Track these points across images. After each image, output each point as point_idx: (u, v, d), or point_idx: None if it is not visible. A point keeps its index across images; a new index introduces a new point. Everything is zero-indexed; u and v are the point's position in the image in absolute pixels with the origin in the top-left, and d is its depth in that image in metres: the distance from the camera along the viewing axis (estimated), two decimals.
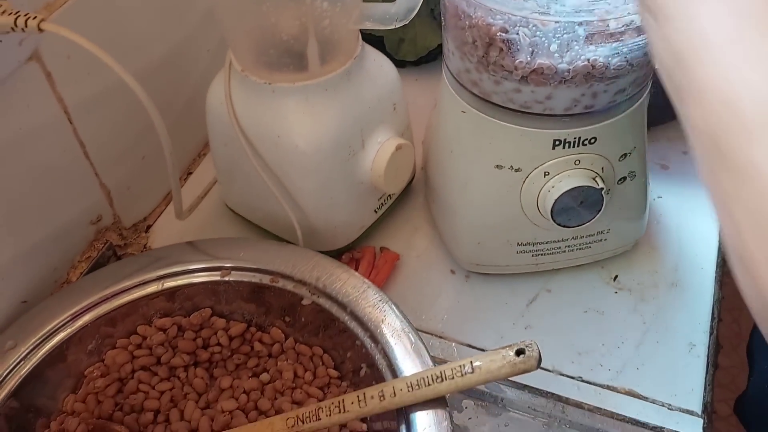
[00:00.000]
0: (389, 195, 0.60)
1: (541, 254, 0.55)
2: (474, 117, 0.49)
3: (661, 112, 0.68)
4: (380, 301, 0.49)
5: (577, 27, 0.41)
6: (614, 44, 0.42)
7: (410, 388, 0.43)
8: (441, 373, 0.43)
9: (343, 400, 0.44)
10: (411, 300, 0.57)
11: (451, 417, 0.43)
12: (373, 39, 0.75)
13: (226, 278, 0.52)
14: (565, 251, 0.55)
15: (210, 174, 0.67)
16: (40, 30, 0.41)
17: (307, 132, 0.51)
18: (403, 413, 0.43)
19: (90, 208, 0.58)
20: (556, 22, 0.41)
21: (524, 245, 0.54)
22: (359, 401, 0.43)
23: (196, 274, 0.52)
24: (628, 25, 0.41)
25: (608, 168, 0.50)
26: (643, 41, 0.43)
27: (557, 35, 0.41)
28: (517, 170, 0.50)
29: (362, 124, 0.53)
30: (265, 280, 0.52)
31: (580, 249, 0.55)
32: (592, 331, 0.54)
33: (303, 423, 0.44)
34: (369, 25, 0.48)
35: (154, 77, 0.61)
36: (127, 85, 0.46)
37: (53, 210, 0.54)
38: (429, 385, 0.42)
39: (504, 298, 0.57)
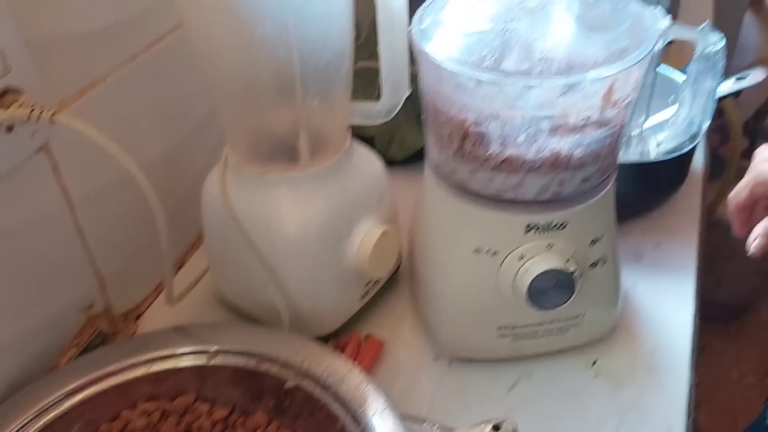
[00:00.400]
0: (375, 282, 0.62)
1: (521, 339, 0.57)
2: (453, 204, 0.53)
3: (634, 207, 0.73)
4: (363, 383, 0.50)
5: (541, 121, 0.45)
6: (576, 136, 0.46)
7: None
8: None
9: None
10: (395, 386, 0.58)
11: None
12: (364, 139, 0.80)
13: (212, 362, 0.53)
14: (543, 336, 0.57)
15: (201, 266, 0.69)
16: (52, 122, 0.45)
17: (297, 219, 0.54)
18: None
19: (83, 295, 0.60)
20: (522, 116, 0.45)
21: (504, 329, 0.56)
22: None
23: (183, 358, 0.54)
24: (587, 120, 0.46)
25: (580, 252, 0.53)
26: (602, 134, 0.47)
27: (524, 128, 0.45)
28: (494, 254, 0.53)
29: (349, 213, 0.56)
30: (251, 363, 0.53)
31: (557, 334, 0.57)
32: (571, 415, 0.55)
33: None
34: (356, 121, 0.52)
35: (152, 173, 0.64)
36: (127, 179, 0.50)
37: (48, 295, 0.56)
38: None
39: (486, 384, 0.58)
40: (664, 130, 0.54)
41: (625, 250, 0.70)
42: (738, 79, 0.73)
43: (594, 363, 0.59)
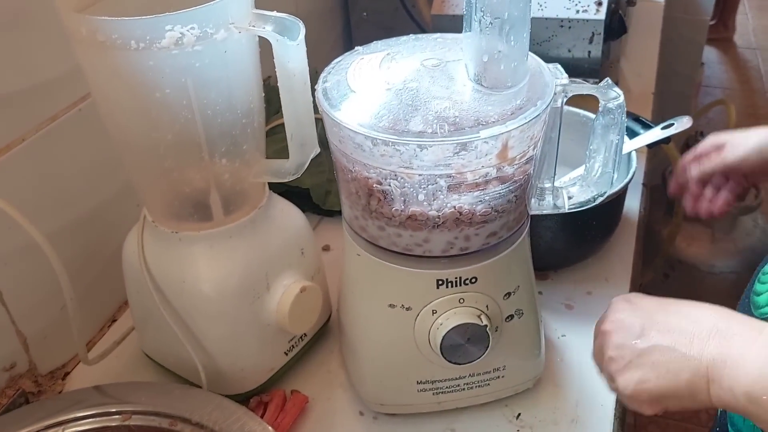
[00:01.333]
0: (300, 337, 0.62)
1: (442, 392, 0.57)
2: (367, 260, 0.53)
3: (565, 256, 0.73)
4: None
5: (438, 179, 0.46)
6: (476, 193, 0.47)
7: None
8: None
9: None
10: None
11: None
12: (301, 191, 0.81)
13: (127, 422, 0.53)
14: (464, 389, 0.57)
15: (130, 323, 0.68)
16: None
17: (212, 277, 0.54)
18: None
19: (5, 355, 0.59)
20: (420, 175, 0.45)
21: (424, 383, 0.56)
22: None
23: (99, 419, 0.53)
24: (485, 177, 0.46)
25: (493, 306, 0.53)
26: (504, 189, 0.48)
27: (422, 186, 0.46)
28: (408, 309, 0.53)
29: (267, 269, 0.56)
30: (165, 424, 0.52)
31: (479, 386, 0.57)
32: None
33: None
34: (267, 179, 0.53)
35: (82, 230, 0.65)
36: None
37: None
38: None
39: None
40: (575, 184, 0.55)
41: (556, 299, 0.70)
42: (664, 127, 0.74)
43: (518, 416, 0.59)
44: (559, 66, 0.50)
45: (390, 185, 0.47)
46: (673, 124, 0.74)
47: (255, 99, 0.51)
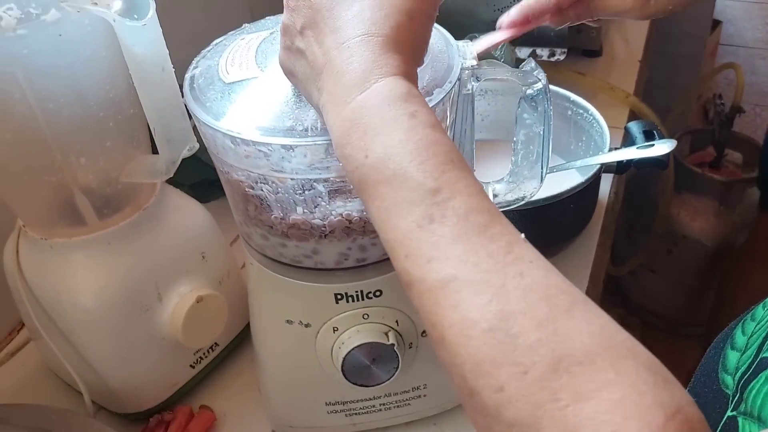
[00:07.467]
0: (211, 348, 0.56)
1: (356, 414, 0.50)
2: (258, 270, 0.47)
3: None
4: None
5: (315, 184, 0.39)
6: None
7: None
8: None
9: None
10: None
11: None
12: None
13: None
14: (381, 410, 0.50)
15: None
16: None
17: (90, 288, 0.48)
18: None
19: None
20: (292, 179, 0.38)
21: (334, 404, 0.50)
22: None
23: None
24: None
25: (405, 320, 0.46)
26: None
27: (298, 192, 0.39)
28: (306, 325, 0.46)
29: (157, 277, 0.50)
30: None
31: (398, 407, 0.51)
32: None
33: None
34: (137, 179, 0.46)
35: None
36: None
37: None
38: None
39: None
40: (502, 180, 0.47)
41: None
42: (639, 147, 0.65)
43: None
44: (469, 43, 0.42)
45: (263, 190, 0.40)
46: (653, 145, 0.65)
47: (118, 87, 0.43)
